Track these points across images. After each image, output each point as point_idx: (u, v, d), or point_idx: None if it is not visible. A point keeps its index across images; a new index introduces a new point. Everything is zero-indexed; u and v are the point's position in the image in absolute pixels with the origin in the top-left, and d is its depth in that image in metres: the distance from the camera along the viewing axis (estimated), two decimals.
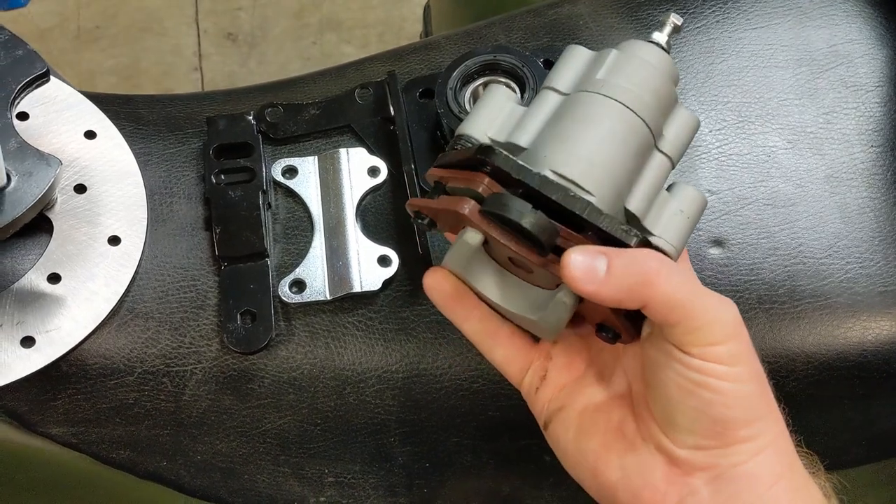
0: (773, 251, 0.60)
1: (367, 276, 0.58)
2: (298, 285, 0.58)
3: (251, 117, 0.63)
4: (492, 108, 0.47)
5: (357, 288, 0.58)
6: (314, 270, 0.59)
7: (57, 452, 0.58)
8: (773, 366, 0.58)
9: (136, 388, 0.57)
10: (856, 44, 0.66)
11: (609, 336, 0.45)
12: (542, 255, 0.43)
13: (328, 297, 0.58)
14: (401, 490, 0.60)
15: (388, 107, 0.63)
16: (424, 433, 0.59)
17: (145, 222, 0.58)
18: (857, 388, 0.60)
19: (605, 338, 0.45)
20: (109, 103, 0.62)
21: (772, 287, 0.59)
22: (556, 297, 0.44)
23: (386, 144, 0.63)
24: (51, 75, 0.55)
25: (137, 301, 0.57)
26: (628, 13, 0.67)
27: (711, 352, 0.42)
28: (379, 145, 0.63)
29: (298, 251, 0.60)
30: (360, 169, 0.62)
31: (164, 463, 0.58)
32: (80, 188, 0.58)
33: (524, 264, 0.45)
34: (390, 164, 0.62)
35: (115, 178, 0.58)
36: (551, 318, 0.45)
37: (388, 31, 1.61)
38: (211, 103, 0.65)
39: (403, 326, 0.58)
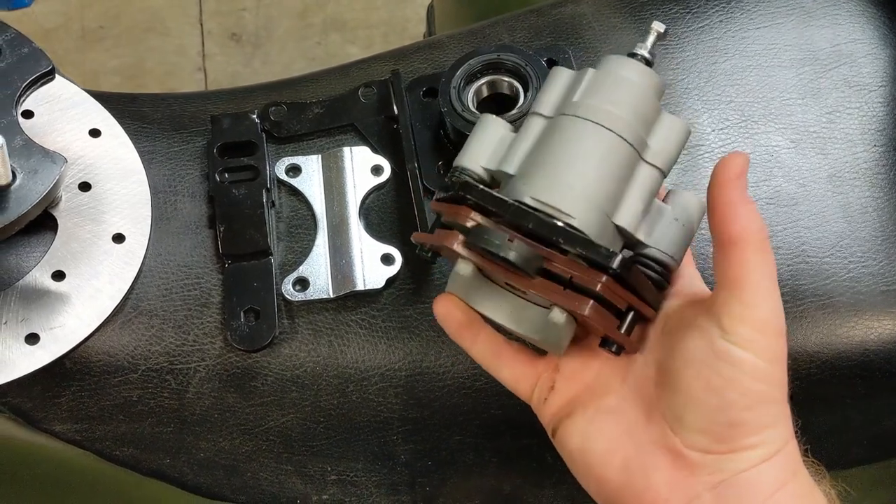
0: (776, 250, 0.60)
1: (371, 275, 0.59)
2: (302, 283, 0.58)
3: (255, 116, 0.63)
4: (484, 138, 0.49)
5: (360, 286, 0.58)
6: (317, 268, 0.59)
7: (61, 449, 0.58)
8: None
9: (139, 386, 0.57)
10: (859, 43, 0.66)
11: (613, 349, 0.46)
12: (531, 279, 0.44)
13: (331, 296, 0.58)
14: (403, 488, 0.60)
15: (392, 106, 0.63)
16: (427, 431, 0.59)
17: (149, 220, 0.58)
18: (859, 388, 0.60)
19: (609, 350, 0.46)
20: (114, 102, 0.62)
21: None
22: (550, 318, 0.45)
23: (389, 143, 0.63)
24: (56, 73, 0.55)
25: (141, 299, 0.58)
26: (631, 13, 0.67)
27: (757, 341, 0.42)
28: (382, 144, 0.63)
29: (302, 249, 0.60)
30: (363, 167, 0.62)
31: (167, 460, 0.58)
32: (84, 186, 0.58)
33: (517, 283, 0.46)
34: (394, 162, 0.62)
35: (119, 176, 0.59)
36: (551, 338, 0.46)
37: (391, 31, 1.61)
38: (215, 102, 0.65)
39: (406, 325, 0.58)
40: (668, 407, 0.45)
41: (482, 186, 0.46)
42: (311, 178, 0.62)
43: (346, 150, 0.62)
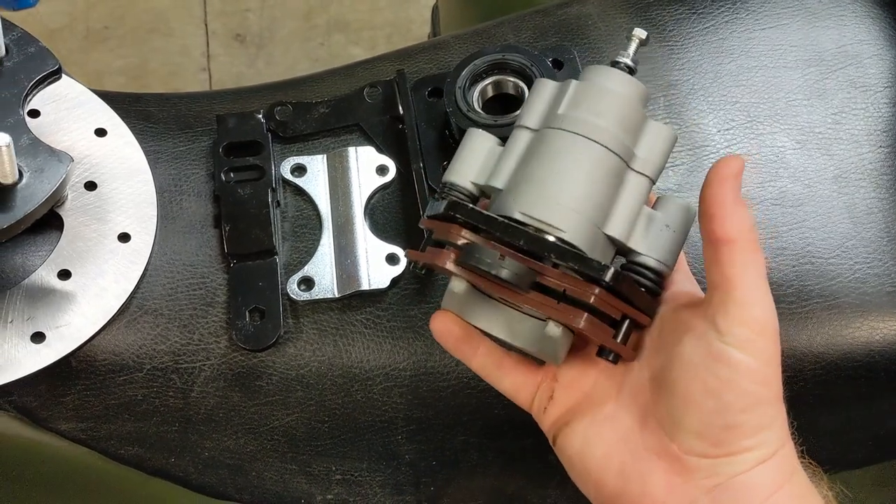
0: (782, 251, 0.60)
1: (376, 275, 0.59)
2: (307, 283, 0.58)
3: (261, 116, 0.63)
4: (471, 153, 0.49)
5: (365, 286, 0.58)
6: (322, 268, 0.59)
7: (66, 448, 0.58)
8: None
9: (144, 385, 0.57)
10: (865, 44, 0.66)
11: (610, 358, 0.46)
12: (525, 294, 0.44)
13: (336, 295, 0.58)
14: (407, 488, 0.60)
15: (397, 106, 0.63)
16: (431, 431, 0.59)
17: (155, 220, 0.58)
18: (863, 389, 0.59)
19: (606, 359, 0.46)
20: (120, 101, 0.62)
21: (780, 287, 0.59)
22: (545, 332, 0.45)
23: (395, 143, 0.63)
24: (62, 73, 0.55)
25: (147, 298, 0.58)
26: (637, 13, 0.67)
27: (753, 342, 0.42)
28: (388, 144, 0.63)
29: (307, 249, 0.60)
30: (368, 167, 0.62)
31: (171, 459, 0.58)
32: (90, 185, 0.58)
33: (511, 298, 0.46)
34: (399, 162, 0.62)
35: (125, 176, 0.59)
36: (548, 350, 0.46)
37: (395, 32, 1.61)
38: (221, 102, 0.65)
39: (411, 324, 0.58)
40: (664, 411, 0.45)
41: (471, 205, 0.46)
42: (316, 177, 0.62)
43: (352, 149, 0.62)
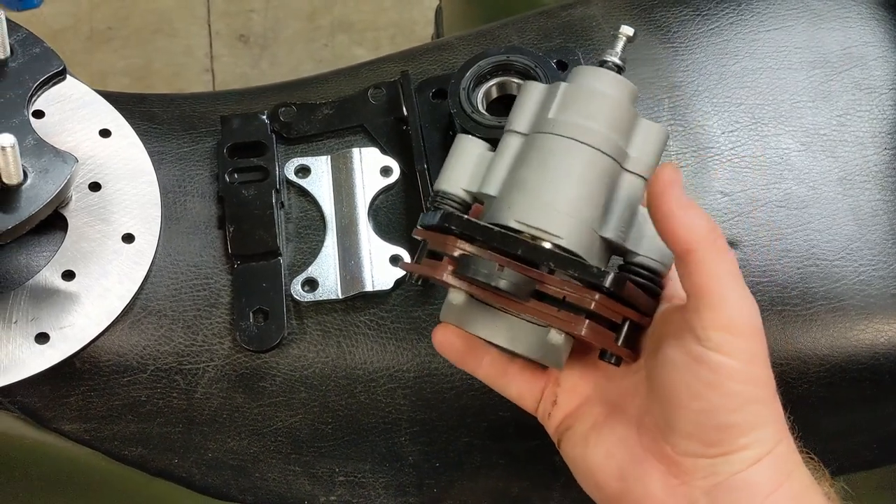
0: (786, 253, 0.60)
1: (379, 276, 0.59)
2: (311, 284, 0.58)
3: (265, 117, 0.63)
4: (462, 160, 0.49)
5: (369, 287, 0.58)
6: (326, 269, 0.59)
7: (69, 449, 0.58)
8: (784, 367, 0.58)
9: (148, 386, 0.57)
10: (870, 46, 0.66)
11: (612, 360, 0.46)
12: (525, 303, 0.44)
13: (340, 296, 0.58)
14: (411, 490, 0.60)
15: (401, 107, 0.63)
16: (435, 433, 0.59)
17: (159, 220, 0.58)
18: (868, 391, 0.59)
19: (608, 361, 0.46)
20: (124, 102, 0.62)
21: (784, 289, 0.59)
22: (547, 340, 0.45)
23: (399, 144, 0.63)
24: (67, 73, 0.55)
25: (151, 299, 0.58)
26: (641, 14, 0.67)
27: (729, 342, 0.42)
28: (392, 145, 0.63)
29: (311, 250, 0.60)
30: (372, 168, 0.62)
31: (175, 460, 0.58)
32: (94, 186, 0.58)
33: (511, 307, 0.46)
34: (403, 164, 0.62)
35: (129, 177, 0.59)
36: (550, 356, 0.46)
37: (399, 33, 1.61)
38: (225, 102, 0.65)
39: (415, 326, 0.58)
40: (657, 413, 0.45)
41: (466, 216, 0.45)
42: (320, 178, 0.62)
43: (356, 151, 0.62)
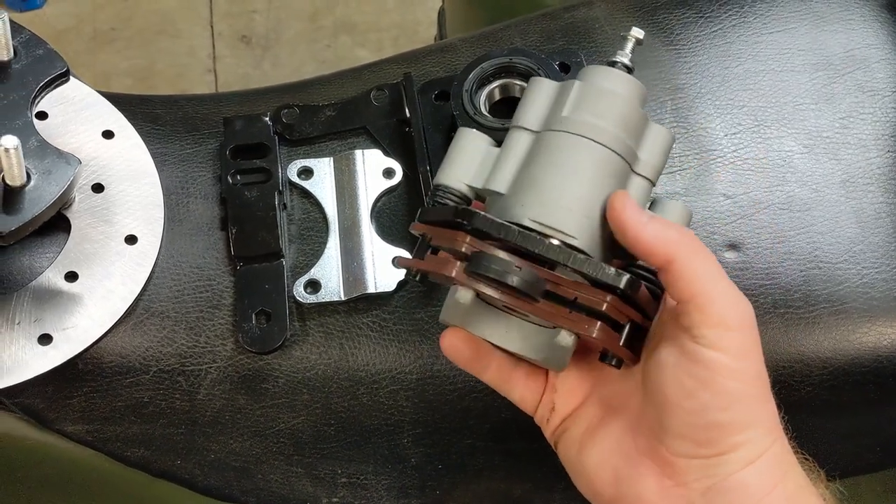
0: (789, 256, 0.60)
1: (382, 277, 0.59)
2: (313, 286, 0.58)
3: (267, 118, 0.63)
4: (465, 154, 0.48)
5: (371, 289, 0.58)
6: (329, 271, 0.59)
7: (72, 450, 0.58)
8: (787, 370, 0.58)
9: (151, 387, 0.57)
10: (873, 48, 0.66)
11: (614, 362, 0.46)
12: (536, 303, 0.44)
13: (343, 298, 0.58)
14: (413, 492, 0.60)
15: (404, 109, 0.63)
16: (437, 434, 0.59)
17: (162, 222, 0.58)
18: (871, 394, 0.59)
19: (609, 363, 0.46)
20: (127, 103, 0.62)
21: (787, 292, 0.59)
22: (556, 341, 0.45)
23: (401, 146, 0.63)
24: (70, 75, 0.55)
25: (153, 300, 0.58)
26: (644, 16, 0.67)
27: (722, 337, 0.42)
28: (394, 147, 0.63)
29: (313, 252, 0.60)
30: (375, 170, 0.62)
31: (177, 462, 0.58)
32: (97, 187, 0.58)
33: (520, 307, 0.46)
34: (405, 165, 0.62)
35: (132, 178, 0.59)
36: (555, 359, 0.46)
37: (402, 34, 1.61)
38: (227, 104, 0.65)
39: (418, 327, 0.58)
40: (650, 415, 0.45)
41: (483, 213, 0.44)
42: (322, 180, 0.62)
43: (358, 152, 0.62)
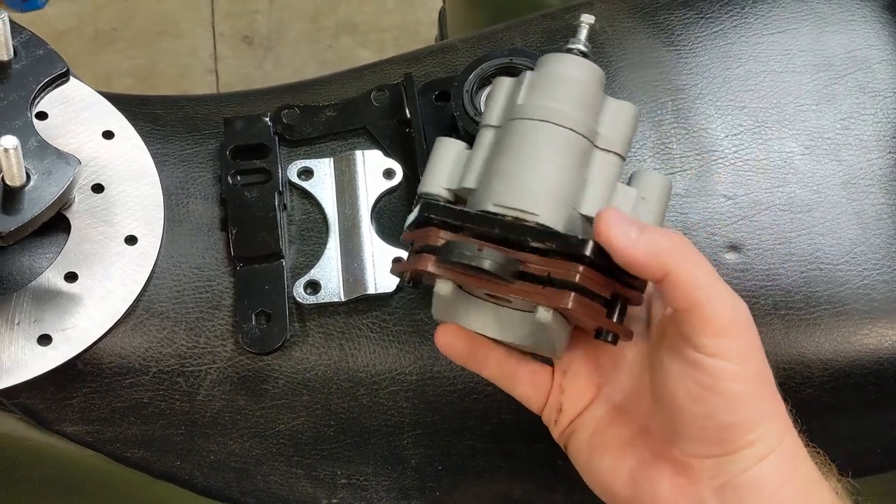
0: (790, 257, 0.60)
1: (382, 278, 0.58)
2: (313, 286, 0.58)
3: (268, 119, 0.63)
4: (441, 160, 0.49)
5: (372, 290, 0.58)
6: (329, 272, 0.59)
7: (72, 450, 0.58)
8: (788, 372, 0.58)
9: (150, 388, 0.57)
10: (874, 49, 0.66)
11: (609, 338, 0.46)
12: (510, 284, 0.44)
13: (343, 299, 0.58)
14: (413, 493, 0.60)
15: (405, 109, 0.63)
16: (438, 436, 0.59)
17: (162, 222, 0.58)
18: (872, 396, 0.59)
19: (605, 340, 0.46)
20: (127, 104, 0.62)
21: (788, 293, 0.59)
22: (536, 319, 0.45)
23: (402, 147, 0.63)
24: (70, 75, 0.55)
25: (153, 300, 0.58)
26: (645, 17, 0.67)
27: (723, 345, 0.42)
28: (395, 147, 0.63)
29: (313, 252, 0.60)
30: (375, 171, 0.62)
31: (177, 462, 0.58)
32: (97, 188, 0.58)
33: (497, 291, 0.46)
34: (406, 166, 0.62)
35: (132, 178, 0.59)
36: (543, 340, 0.46)
37: (403, 35, 1.61)
38: (228, 104, 0.65)
39: (418, 328, 0.58)
40: (661, 417, 0.45)
41: (442, 203, 0.46)
42: (323, 181, 0.62)
43: (359, 153, 0.62)
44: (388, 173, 0.62)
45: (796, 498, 0.43)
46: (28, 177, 0.50)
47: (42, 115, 0.58)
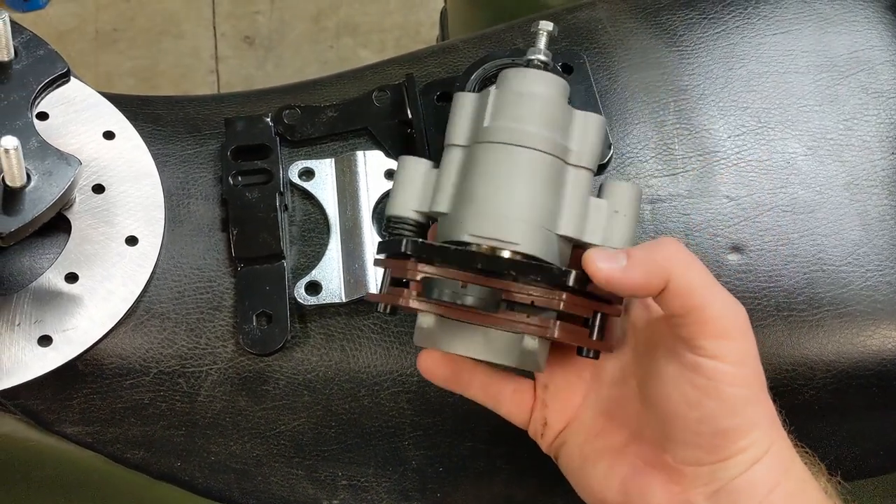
0: (793, 258, 0.60)
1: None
2: (314, 287, 0.58)
3: (269, 119, 0.63)
4: (408, 182, 0.48)
5: (373, 290, 0.58)
6: (330, 273, 0.59)
7: (72, 451, 0.58)
8: (791, 374, 0.58)
9: (151, 389, 0.57)
10: (877, 50, 0.66)
11: (591, 355, 0.46)
12: (494, 315, 0.44)
13: (343, 300, 0.58)
14: (414, 494, 0.60)
15: (406, 110, 0.63)
16: (439, 437, 0.59)
17: (163, 223, 0.58)
18: (875, 398, 0.59)
19: (587, 357, 0.46)
20: (128, 104, 0.62)
21: (791, 294, 0.59)
22: (522, 346, 0.45)
23: (403, 147, 0.63)
24: (71, 75, 0.55)
25: (154, 301, 0.58)
26: (647, 17, 0.67)
27: (721, 347, 0.42)
28: (396, 148, 0.63)
29: (314, 253, 0.60)
30: (376, 172, 0.62)
31: (178, 463, 0.58)
32: (98, 188, 0.58)
33: (480, 321, 0.46)
34: None
35: (133, 179, 0.59)
36: (528, 362, 0.46)
37: (404, 35, 1.61)
38: (229, 105, 0.65)
39: None
40: (653, 425, 0.45)
41: (420, 240, 0.45)
42: (324, 181, 0.62)
43: (360, 154, 0.62)
44: (390, 174, 0.62)
45: (788, 499, 0.43)
46: (29, 177, 0.50)
47: (43, 116, 0.58)
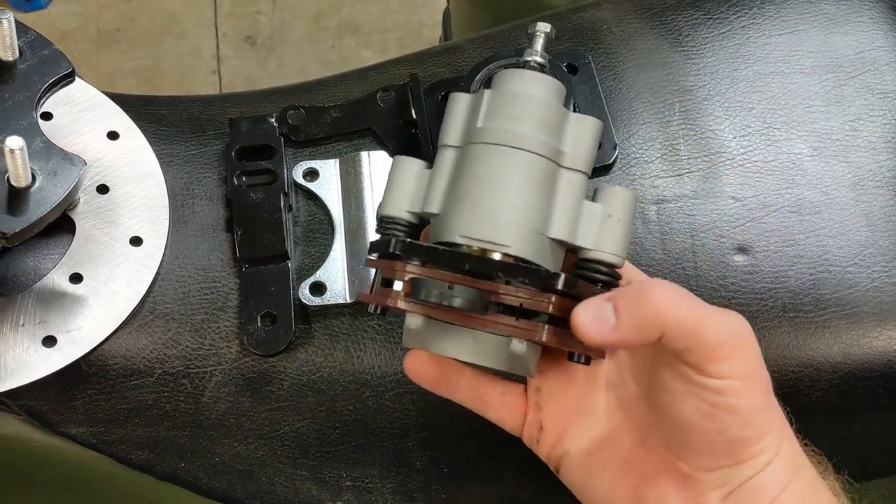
0: (798, 259, 0.59)
1: None
2: (319, 288, 0.58)
3: (273, 119, 0.63)
4: (401, 181, 0.48)
5: None
6: (334, 273, 0.59)
7: (76, 452, 0.58)
8: (797, 375, 0.57)
9: (155, 389, 0.57)
10: (882, 50, 0.66)
11: (582, 360, 0.45)
12: (483, 317, 0.44)
13: (348, 301, 0.58)
14: (419, 495, 0.60)
15: (411, 110, 0.63)
16: (443, 438, 0.59)
17: (167, 223, 0.58)
18: (881, 399, 0.59)
19: (578, 362, 0.45)
20: (132, 104, 0.62)
21: (797, 295, 0.58)
22: (510, 350, 0.44)
23: (407, 148, 0.62)
24: (75, 75, 0.55)
25: (158, 302, 0.57)
26: (652, 18, 0.67)
27: (728, 367, 0.42)
28: (400, 149, 0.63)
29: (319, 254, 0.60)
30: (381, 172, 0.62)
31: (182, 464, 0.58)
32: (102, 188, 0.58)
33: (469, 323, 0.45)
34: None
35: (137, 179, 0.59)
36: (517, 366, 0.46)
37: (406, 35, 1.61)
38: (233, 105, 0.65)
39: None
40: (666, 434, 0.45)
41: (409, 239, 0.45)
42: (328, 182, 0.62)
43: (364, 154, 0.62)
44: None
45: (799, 498, 0.44)
46: (33, 177, 0.50)
47: (47, 116, 0.58)
